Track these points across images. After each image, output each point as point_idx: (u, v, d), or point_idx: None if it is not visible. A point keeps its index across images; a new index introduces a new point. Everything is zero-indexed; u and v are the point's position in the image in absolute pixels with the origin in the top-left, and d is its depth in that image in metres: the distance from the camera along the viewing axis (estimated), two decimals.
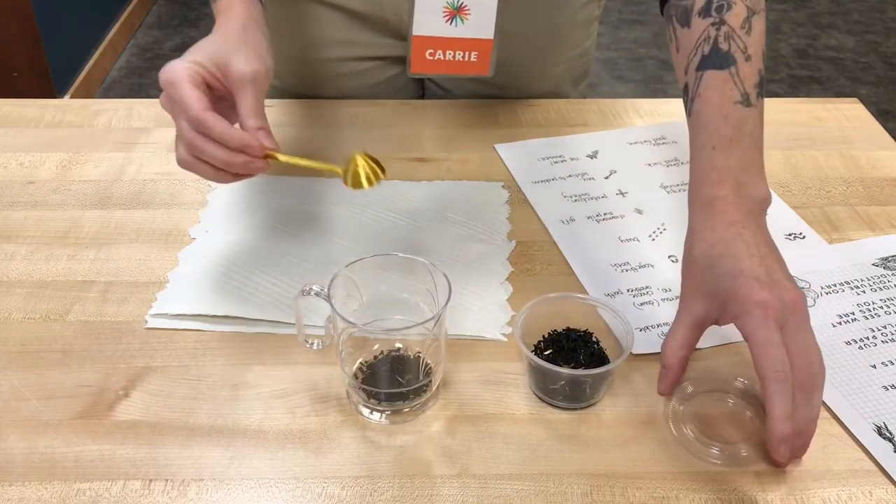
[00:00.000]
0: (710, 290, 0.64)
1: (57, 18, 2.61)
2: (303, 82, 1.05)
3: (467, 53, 0.91)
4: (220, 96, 0.69)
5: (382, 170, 0.67)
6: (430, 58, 0.91)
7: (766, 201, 0.68)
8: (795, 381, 0.59)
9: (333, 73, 1.04)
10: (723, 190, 0.66)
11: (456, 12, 0.88)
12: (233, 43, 0.69)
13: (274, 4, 1.01)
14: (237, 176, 0.68)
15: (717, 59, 0.70)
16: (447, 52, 0.91)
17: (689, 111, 0.72)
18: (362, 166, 0.66)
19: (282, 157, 0.67)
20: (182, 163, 0.67)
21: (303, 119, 1.01)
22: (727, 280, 0.63)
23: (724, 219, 0.65)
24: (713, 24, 0.71)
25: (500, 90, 1.06)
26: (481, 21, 0.89)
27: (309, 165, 0.65)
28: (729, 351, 0.72)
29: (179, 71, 0.65)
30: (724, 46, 0.70)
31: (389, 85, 1.07)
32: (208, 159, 0.66)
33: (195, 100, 0.64)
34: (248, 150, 0.66)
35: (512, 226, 0.85)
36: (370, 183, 0.63)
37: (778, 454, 0.59)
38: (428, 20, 0.89)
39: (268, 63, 0.70)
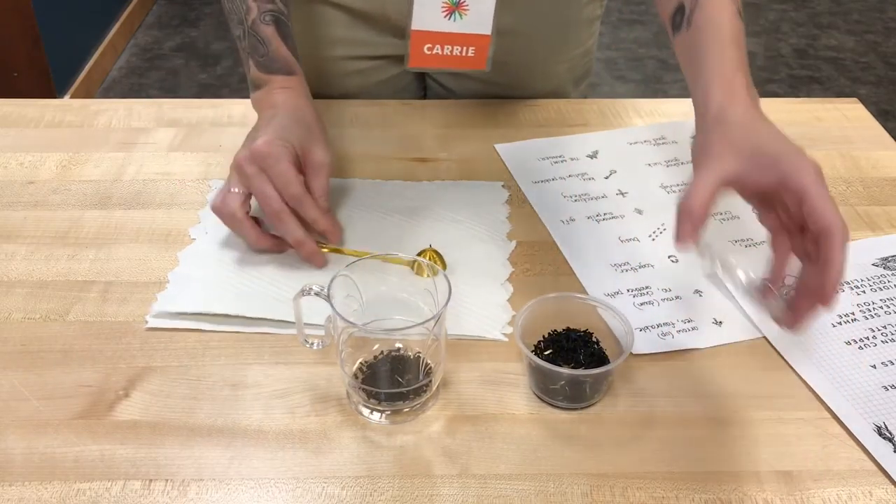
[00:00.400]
0: (751, 149, 0.64)
1: (57, 18, 2.61)
2: (307, 82, 1.05)
3: (465, 48, 0.92)
4: None
5: (444, 265, 0.77)
6: (429, 52, 0.92)
7: None
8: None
9: (336, 72, 1.04)
10: (741, 78, 0.68)
11: (455, 7, 0.89)
12: (315, 133, 0.80)
13: None
14: (278, 247, 0.78)
15: None
16: (445, 47, 0.92)
17: (688, 23, 0.74)
18: (429, 258, 0.76)
19: (347, 251, 0.78)
20: (230, 218, 0.76)
21: None
22: (773, 141, 0.64)
23: (749, 101, 0.67)
24: None
25: (502, 89, 1.06)
26: (479, 17, 0.90)
27: (380, 258, 0.69)
28: (730, 351, 0.72)
29: (281, 149, 0.74)
30: None
31: (392, 84, 1.07)
32: (285, 233, 0.75)
33: (296, 180, 0.74)
34: (330, 237, 0.78)
35: (512, 226, 0.85)
36: (432, 274, 0.67)
37: (832, 299, 0.62)
38: (427, 15, 0.89)
39: (332, 152, 0.80)
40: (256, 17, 0.83)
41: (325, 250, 0.79)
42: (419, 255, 0.76)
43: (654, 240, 0.84)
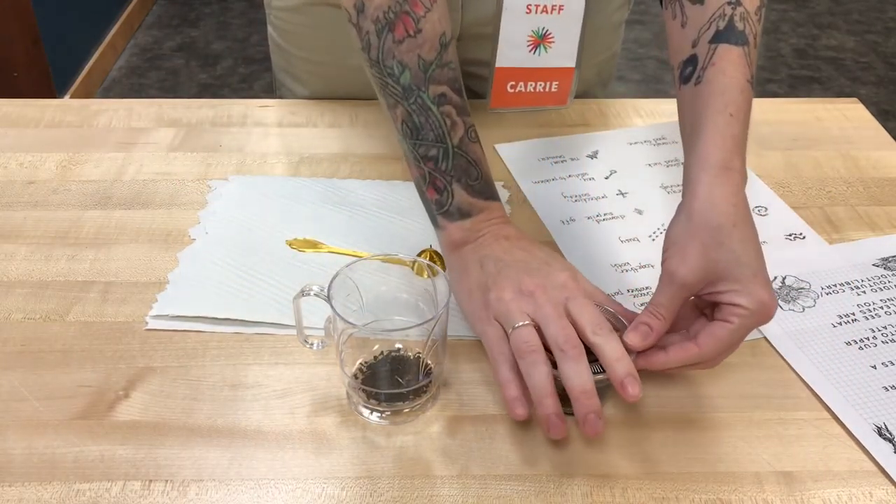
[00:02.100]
0: (715, 263, 0.62)
1: (57, 18, 2.61)
2: (328, 88, 1.05)
3: (548, 84, 0.89)
4: None
5: (444, 266, 0.73)
6: (511, 90, 0.89)
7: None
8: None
9: (358, 79, 1.03)
10: (736, 162, 0.65)
11: (540, 41, 0.86)
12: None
13: (298, 14, 1.01)
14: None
15: (733, 35, 0.69)
16: (528, 84, 0.88)
17: (697, 78, 0.69)
18: (428, 258, 0.75)
19: (347, 252, 0.76)
20: (506, 379, 0.63)
21: (304, 119, 1.01)
22: (739, 265, 0.61)
23: (736, 193, 0.64)
24: (729, 4, 0.70)
25: None
26: (565, 48, 0.86)
27: (380, 258, 0.68)
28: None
29: (581, 289, 0.65)
30: (739, 26, 0.69)
31: None
32: (575, 363, 0.60)
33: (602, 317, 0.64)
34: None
35: None
36: (432, 274, 0.66)
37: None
38: (512, 50, 0.86)
39: None
40: (464, 135, 0.71)
41: (325, 251, 0.79)
42: (419, 255, 0.76)
43: (654, 240, 0.84)
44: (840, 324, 0.74)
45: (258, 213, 0.85)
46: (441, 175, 0.70)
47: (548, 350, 0.62)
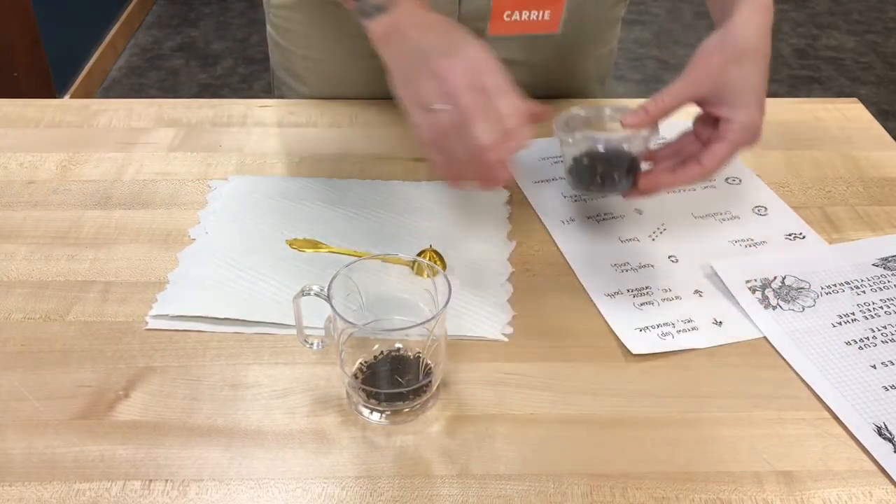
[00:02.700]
0: (728, 77, 0.71)
1: (57, 18, 2.61)
2: (328, 86, 1.05)
3: (541, 13, 0.95)
4: None
5: (444, 265, 0.77)
6: (507, 19, 0.95)
7: None
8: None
9: (360, 72, 1.04)
10: (772, 8, 0.74)
11: None
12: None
13: (296, 11, 1.01)
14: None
15: None
16: (523, 13, 0.95)
17: None
18: (428, 258, 0.76)
19: (347, 252, 0.78)
20: (431, 141, 0.68)
21: (304, 119, 1.01)
22: (749, 87, 0.71)
23: (768, 28, 0.73)
24: None
25: (527, 88, 1.06)
26: None
27: (380, 258, 0.69)
28: (730, 351, 0.72)
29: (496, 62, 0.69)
30: None
31: None
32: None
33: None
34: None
35: (512, 226, 0.85)
36: (432, 274, 0.66)
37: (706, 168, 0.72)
38: None
39: None
40: None
41: (325, 251, 0.79)
42: (419, 255, 0.76)
43: (654, 240, 0.84)
44: (840, 323, 0.74)
45: (258, 213, 0.85)
46: None
47: None
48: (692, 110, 0.74)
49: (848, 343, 0.72)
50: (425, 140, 0.68)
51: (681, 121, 0.76)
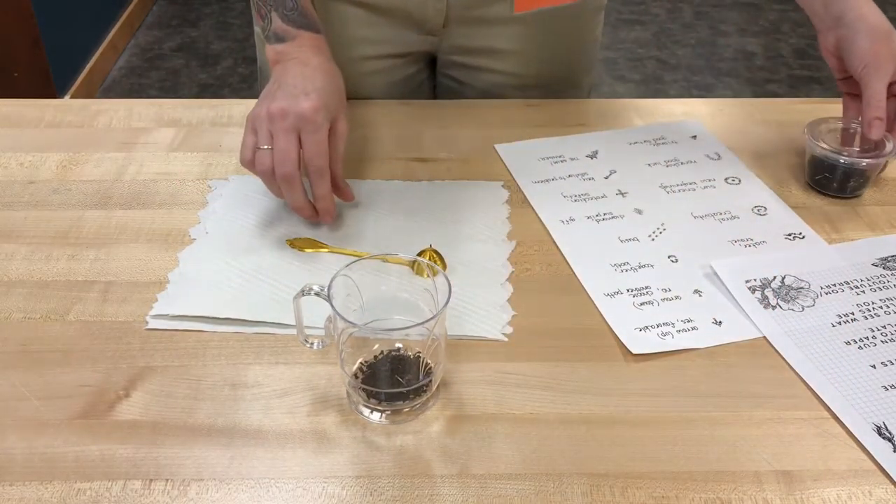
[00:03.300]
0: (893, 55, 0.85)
1: (57, 18, 2.61)
2: None
3: None
4: None
5: (444, 265, 0.78)
6: None
7: None
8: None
9: (356, 73, 1.04)
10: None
11: None
12: (343, 102, 0.82)
13: None
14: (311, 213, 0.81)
15: None
16: None
17: None
18: (428, 258, 0.77)
19: (347, 252, 0.80)
20: (267, 175, 0.78)
21: None
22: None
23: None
24: None
25: (515, 78, 1.06)
26: None
27: (380, 258, 0.70)
28: (730, 351, 0.72)
29: (324, 120, 0.77)
30: None
31: (409, 82, 1.08)
32: (292, 198, 0.78)
33: (325, 155, 0.78)
34: (325, 216, 0.81)
35: (512, 226, 0.85)
36: (432, 274, 0.68)
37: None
38: None
39: None
40: None
41: (325, 251, 0.79)
42: (419, 255, 0.76)
43: (653, 240, 0.84)
44: (839, 323, 0.74)
45: (258, 214, 0.85)
46: (263, 4, 0.85)
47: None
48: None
49: (847, 343, 0.72)
50: (244, 161, 0.79)
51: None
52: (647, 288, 0.77)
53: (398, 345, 0.67)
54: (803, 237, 0.84)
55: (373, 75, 1.05)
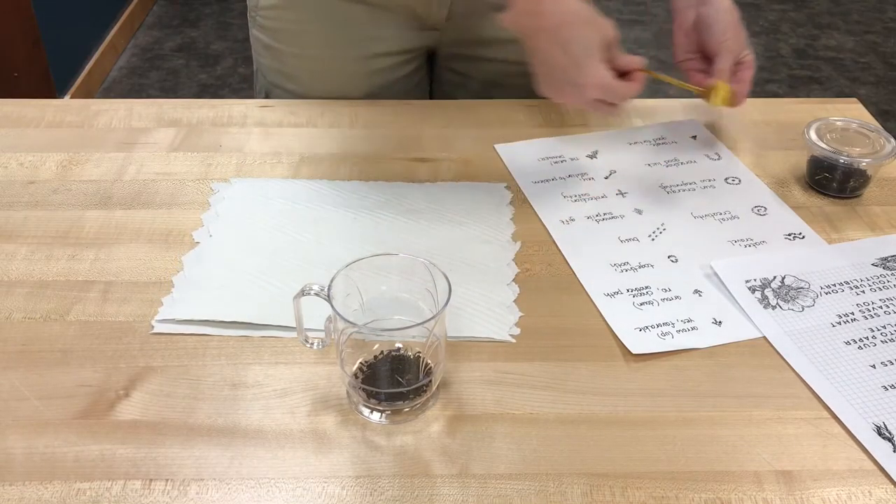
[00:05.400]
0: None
1: (57, 18, 2.61)
2: (324, 84, 1.05)
3: None
4: None
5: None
6: None
7: None
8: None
9: (360, 72, 1.04)
10: None
11: None
12: (592, 26, 0.86)
13: (288, 10, 1.01)
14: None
15: None
16: None
17: None
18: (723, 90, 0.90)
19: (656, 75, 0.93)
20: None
21: (304, 119, 1.01)
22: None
23: None
24: None
25: (517, 66, 1.07)
26: None
27: (671, 82, 0.91)
28: (730, 351, 0.72)
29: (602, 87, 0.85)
30: None
31: (409, 79, 1.09)
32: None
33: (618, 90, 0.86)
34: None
35: (515, 227, 0.85)
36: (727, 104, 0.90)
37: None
38: None
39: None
40: None
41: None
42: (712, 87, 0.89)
43: (653, 240, 0.84)
44: (839, 323, 0.74)
45: (261, 216, 0.85)
46: None
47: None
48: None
49: (847, 343, 0.72)
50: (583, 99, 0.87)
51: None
52: (647, 288, 0.77)
53: (398, 345, 0.67)
54: (803, 237, 0.84)
55: (374, 74, 1.05)
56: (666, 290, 0.77)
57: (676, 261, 0.81)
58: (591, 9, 0.85)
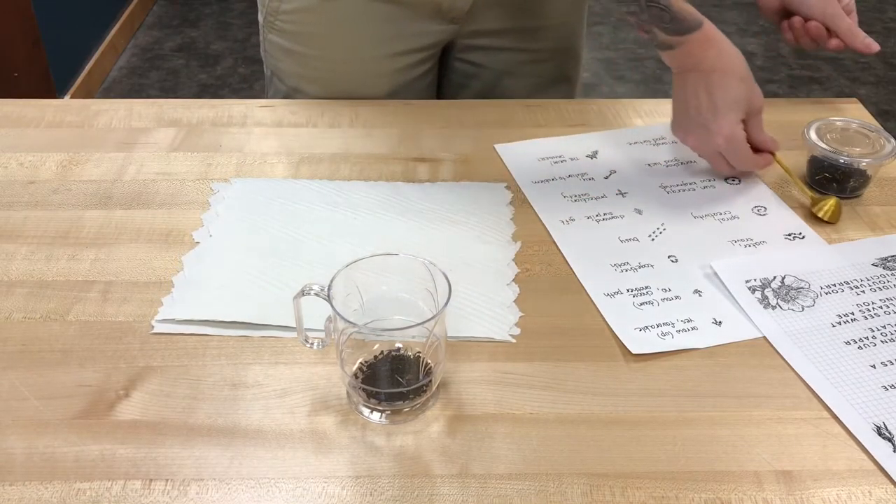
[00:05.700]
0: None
1: (57, 18, 2.61)
2: (346, 86, 1.05)
3: None
4: None
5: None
6: None
7: None
8: None
9: (378, 72, 1.04)
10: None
11: None
12: (750, 81, 0.89)
13: (312, 13, 1.01)
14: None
15: None
16: None
17: None
18: (832, 205, 0.87)
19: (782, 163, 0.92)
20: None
21: (304, 119, 1.01)
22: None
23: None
24: None
25: (530, 54, 1.09)
26: None
27: (795, 181, 0.90)
28: (730, 351, 0.72)
29: (741, 134, 0.88)
30: None
31: (424, 78, 1.09)
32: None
33: (749, 160, 0.90)
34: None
35: (515, 227, 0.85)
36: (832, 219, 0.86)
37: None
38: None
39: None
40: None
41: None
42: (823, 203, 0.87)
43: (653, 240, 0.84)
44: (839, 323, 0.74)
45: (261, 216, 0.85)
46: (643, 21, 0.89)
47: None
48: None
49: (847, 343, 0.72)
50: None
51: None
52: (646, 288, 0.77)
53: (398, 345, 0.67)
54: (803, 237, 0.84)
55: (396, 73, 1.05)
56: (666, 290, 0.77)
57: (676, 261, 0.81)
58: (750, 72, 0.88)
